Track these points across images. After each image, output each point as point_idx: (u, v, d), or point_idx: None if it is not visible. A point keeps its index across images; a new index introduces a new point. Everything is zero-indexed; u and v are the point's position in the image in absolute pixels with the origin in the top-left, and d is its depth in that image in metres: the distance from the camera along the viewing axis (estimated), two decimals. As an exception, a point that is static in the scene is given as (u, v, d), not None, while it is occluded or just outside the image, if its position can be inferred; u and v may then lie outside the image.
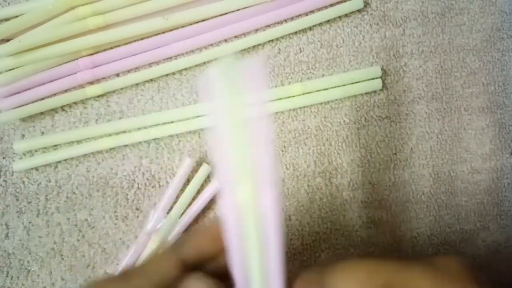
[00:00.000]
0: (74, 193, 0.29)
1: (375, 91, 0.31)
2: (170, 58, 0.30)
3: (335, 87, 0.31)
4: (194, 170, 0.30)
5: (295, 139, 0.31)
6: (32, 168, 0.29)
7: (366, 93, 0.31)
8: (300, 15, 0.31)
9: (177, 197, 0.29)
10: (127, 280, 0.19)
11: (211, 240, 0.20)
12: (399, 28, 0.32)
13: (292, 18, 0.31)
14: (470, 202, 0.32)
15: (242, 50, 0.31)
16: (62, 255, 0.29)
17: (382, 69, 0.31)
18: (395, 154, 0.32)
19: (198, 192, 0.29)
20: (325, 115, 0.31)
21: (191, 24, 0.30)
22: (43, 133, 0.30)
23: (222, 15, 0.30)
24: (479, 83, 0.33)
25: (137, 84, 0.30)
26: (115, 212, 0.29)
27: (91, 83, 0.30)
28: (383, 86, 0.31)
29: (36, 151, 0.29)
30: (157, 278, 0.19)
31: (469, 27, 0.33)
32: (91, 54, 0.29)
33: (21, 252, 0.29)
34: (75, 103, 0.30)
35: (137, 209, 0.30)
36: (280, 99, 0.30)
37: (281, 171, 0.31)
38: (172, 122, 0.30)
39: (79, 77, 0.29)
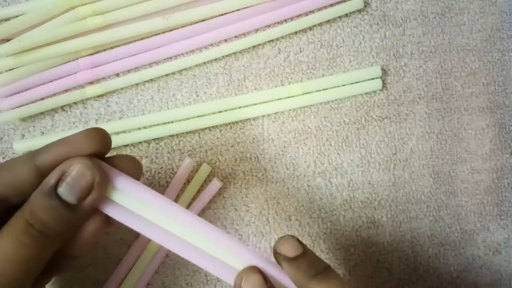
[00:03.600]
0: (74, 193, 0.29)
1: (375, 91, 0.31)
2: (170, 58, 0.30)
3: (335, 87, 0.31)
4: (194, 170, 0.30)
5: (295, 139, 0.31)
6: (32, 168, 0.29)
7: (366, 93, 0.31)
8: (300, 15, 0.31)
9: (177, 197, 0.29)
10: None
11: (69, 151, 0.19)
12: (399, 28, 0.32)
13: (292, 18, 0.31)
14: (470, 202, 0.32)
15: (242, 50, 0.31)
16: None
17: (382, 69, 0.31)
18: (395, 154, 0.32)
19: (198, 192, 0.29)
20: (325, 115, 0.31)
21: (191, 24, 0.30)
22: (43, 133, 0.30)
23: (222, 15, 0.30)
24: (479, 83, 0.33)
25: (137, 84, 0.30)
26: (115, 212, 0.29)
27: (91, 83, 0.30)
28: (383, 86, 0.31)
29: (36, 151, 0.29)
30: (8, 179, 0.19)
31: (469, 27, 0.33)
32: (91, 54, 0.29)
33: (21, 252, 0.29)
34: (75, 103, 0.30)
35: (137, 209, 0.30)
36: (280, 99, 0.30)
37: (281, 171, 0.31)
38: (172, 122, 0.30)
39: (79, 77, 0.29)
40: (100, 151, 0.20)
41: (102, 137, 0.20)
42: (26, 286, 0.17)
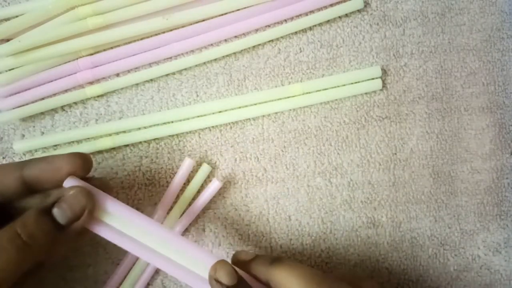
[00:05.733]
0: (74, 193, 0.29)
1: (375, 91, 0.31)
2: (170, 58, 0.30)
3: (335, 87, 0.31)
4: (194, 170, 0.30)
5: (295, 139, 0.31)
6: (32, 168, 0.29)
7: (366, 93, 0.31)
8: (300, 15, 0.31)
9: (177, 197, 0.29)
10: None
11: (53, 170, 0.21)
12: (399, 28, 0.32)
13: (292, 18, 0.31)
14: (470, 202, 0.32)
15: (242, 50, 0.31)
16: (63, 255, 0.29)
17: (382, 69, 0.31)
18: (395, 154, 0.32)
19: (198, 192, 0.29)
20: (325, 115, 0.31)
21: (191, 24, 0.30)
22: (43, 133, 0.30)
23: (222, 15, 0.30)
24: (479, 83, 0.33)
25: (137, 84, 0.30)
26: (115, 212, 0.29)
27: (91, 83, 0.30)
28: (383, 86, 0.31)
29: (36, 151, 0.29)
30: None
31: (469, 27, 0.33)
32: (91, 54, 0.29)
33: (21, 252, 0.29)
34: (75, 103, 0.30)
35: (137, 209, 0.30)
36: (280, 99, 0.30)
37: (281, 171, 0.31)
38: (172, 122, 0.30)
39: (79, 77, 0.29)
40: (80, 174, 0.22)
41: (83, 162, 0.22)
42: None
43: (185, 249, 0.23)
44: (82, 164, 0.22)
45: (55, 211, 0.20)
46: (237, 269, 0.23)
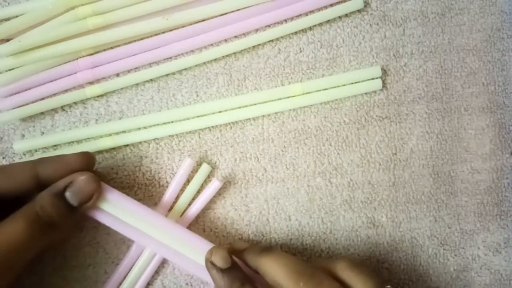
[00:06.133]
0: (74, 193, 0.29)
1: (375, 91, 0.31)
2: (170, 58, 0.30)
3: (335, 87, 0.31)
4: (194, 170, 0.30)
5: (295, 139, 0.31)
6: (32, 168, 0.29)
7: (366, 93, 0.31)
8: (300, 15, 0.31)
9: (177, 197, 0.29)
10: None
11: (66, 169, 0.24)
12: (399, 28, 0.32)
13: (292, 18, 0.31)
14: (470, 202, 0.32)
15: (242, 50, 0.31)
16: (64, 255, 0.29)
17: (382, 69, 0.31)
18: (395, 154, 0.32)
19: (198, 192, 0.29)
20: (325, 115, 0.31)
21: (191, 24, 0.30)
22: (43, 133, 0.30)
23: (222, 15, 0.30)
24: (479, 83, 0.33)
25: (137, 84, 0.30)
26: (115, 212, 0.29)
27: (91, 83, 0.30)
28: (383, 86, 0.31)
29: (36, 151, 0.29)
30: (11, 181, 0.23)
31: (469, 27, 0.33)
32: (91, 54, 0.29)
33: (21, 252, 0.29)
34: (75, 103, 0.30)
35: (137, 209, 0.30)
36: (280, 99, 0.30)
37: (281, 171, 0.31)
38: (172, 122, 0.30)
39: (79, 77, 0.29)
40: (86, 169, 0.25)
41: (89, 160, 0.25)
42: (23, 261, 0.22)
43: (182, 236, 0.25)
44: (89, 162, 0.25)
45: (68, 194, 0.23)
46: (232, 256, 0.25)
